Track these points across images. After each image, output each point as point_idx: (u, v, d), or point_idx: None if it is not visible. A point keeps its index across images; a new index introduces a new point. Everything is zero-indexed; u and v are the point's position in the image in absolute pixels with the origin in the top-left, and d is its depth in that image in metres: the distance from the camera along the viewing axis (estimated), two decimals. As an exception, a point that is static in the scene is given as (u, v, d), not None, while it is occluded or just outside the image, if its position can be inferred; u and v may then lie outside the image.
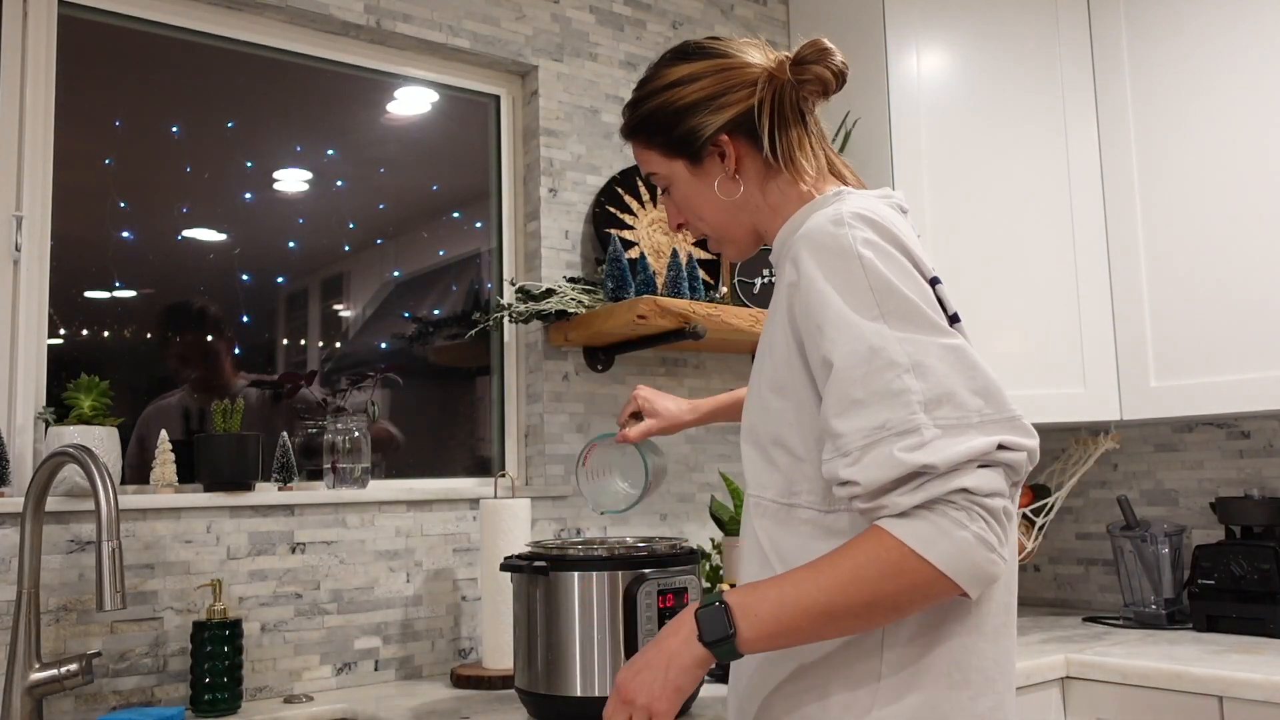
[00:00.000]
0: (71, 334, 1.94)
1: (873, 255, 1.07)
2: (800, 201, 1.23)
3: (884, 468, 1.00)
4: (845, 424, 1.03)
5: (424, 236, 2.47)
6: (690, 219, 1.31)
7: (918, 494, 0.99)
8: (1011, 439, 1.01)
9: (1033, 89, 2.58)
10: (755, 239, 1.30)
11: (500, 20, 2.41)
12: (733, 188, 1.25)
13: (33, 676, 1.59)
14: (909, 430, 1.00)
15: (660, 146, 1.27)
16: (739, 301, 2.48)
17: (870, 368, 1.02)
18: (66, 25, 1.97)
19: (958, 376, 1.02)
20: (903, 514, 1.00)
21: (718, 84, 1.22)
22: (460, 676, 1.99)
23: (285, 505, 1.97)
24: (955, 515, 0.98)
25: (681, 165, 1.27)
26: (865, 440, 1.01)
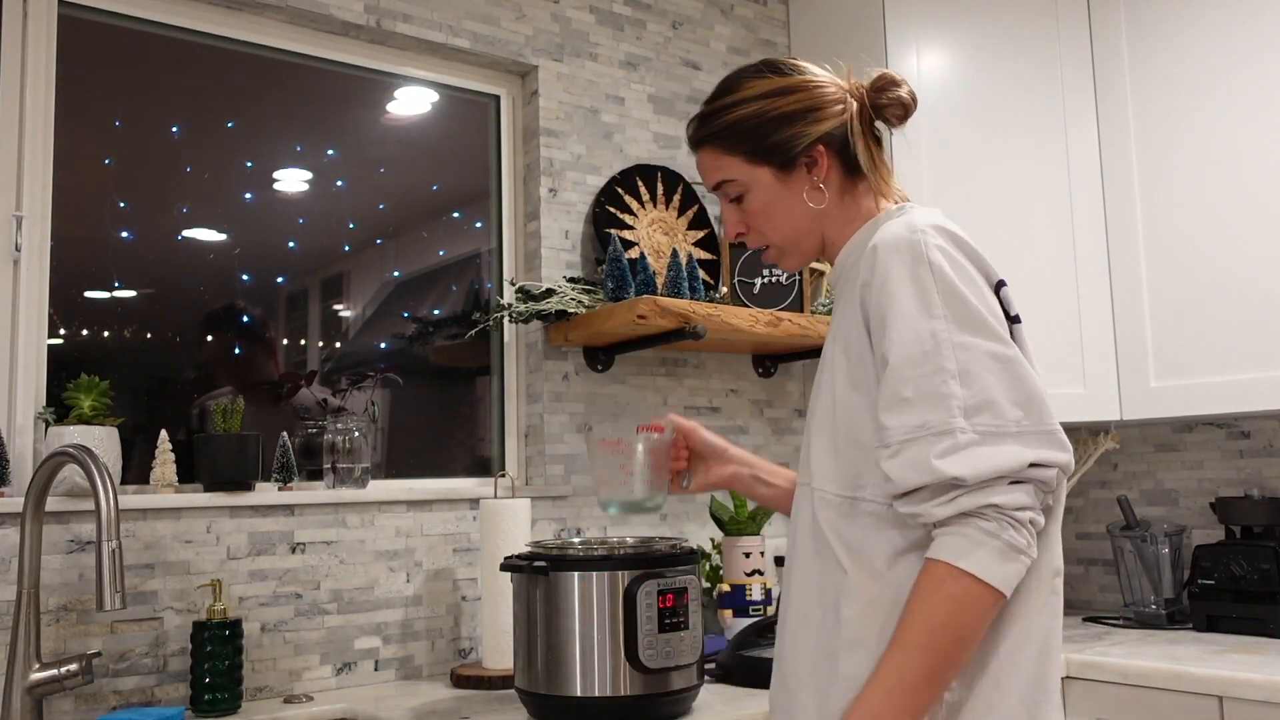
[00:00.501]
0: (71, 334, 1.94)
1: (943, 261, 1.16)
2: (868, 215, 1.33)
3: (917, 470, 1.09)
4: (891, 419, 1.12)
5: (424, 236, 2.47)
6: (762, 227, 1.33)
7: (949, 507, 1.08)
8: (1046, 455, 1.09)
9: (1033, 89, 2.58)
10: (819, 249, 1.35)
11: (500, 20, 2.41)
12: (819, 197, 1.30)
13: (33, 676, 1.59)
14: (945, 432, 1.08)
15: (745, 154, 1.30)
16: (739, 301, 2.48)
17: (921, 370, 1.11)
18: (66, 25, 1.97)
19: (1002, 386, 1.10)
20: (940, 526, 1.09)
21: (813, 99, 1.30)
22: (460, 676, 1.99)
23: (285, 505, 1.98)
24: (985, 526, 1.07)
25: (768, 172, 1.30)
26: (905, 436, 1.10)
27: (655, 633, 1.69)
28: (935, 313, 1.12)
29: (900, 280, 1.15)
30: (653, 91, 2.63)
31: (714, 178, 1.34)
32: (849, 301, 1.23)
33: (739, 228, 1.35)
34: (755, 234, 1.35)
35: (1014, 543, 1.07)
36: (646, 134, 2.61)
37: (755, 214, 1.33)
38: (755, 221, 1.33)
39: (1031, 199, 2.55)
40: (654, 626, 1.69)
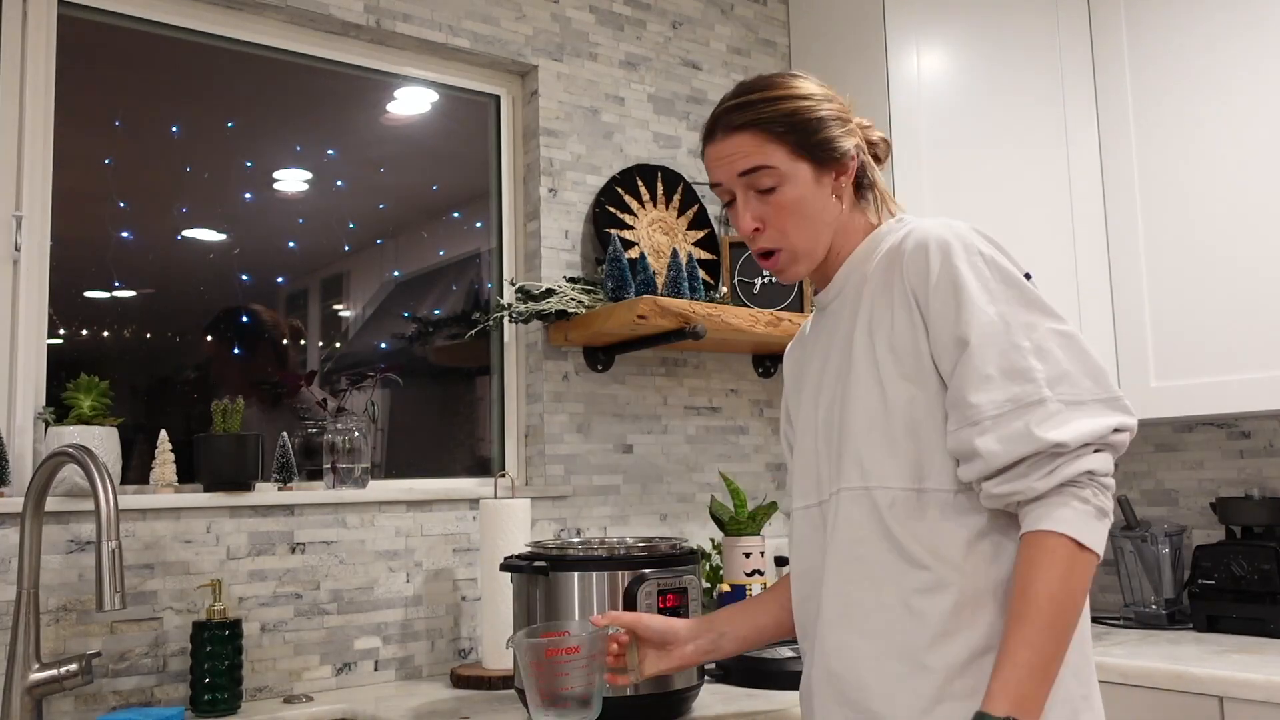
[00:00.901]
0: (71, 334, 1.94)
1: (992, 251, 1.23)
2: (868, 228, 1.37)
3: (1018, 442, 1.12)
4: (979, 396, 1.15)
5: (424, 236, 2.46)
6: (785, 224, 1.31)
7: (1051, 478, 1.11)
8: (1123, 419, 1.15)
9: (1033, 89, 2.57)
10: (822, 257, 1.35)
11: (500, 20, 2.41)
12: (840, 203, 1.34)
13: (32, 677, 1.59)
14: (1037, 402, 1.13)
15: (792, 145, 1.29)
16: (739, 301, 2.47)
17: (1000, 347, 1.16)
18: (66, 25, 1.97)
19: (1070, 359, 1.16)
20: (1038, 500, 1.12)
21: (846, 111, 1.36)
22: (460, 676, 1.99)
23: (285, 505, 1.97)
24: (1082, 494, 1.12)
25: (807, 168, 1.30)
26: (997, 411, 1.14)
27: (655, 633, 1.68)
28: (998, 297, 1.18)
29: (961, 271, 1.20)
30: (653, 91, 2.63)
31: (748, 163, 1.30)
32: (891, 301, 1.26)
33: (757, 222, 1.32)
34: (773, 231, 1.32)
35: (1105, 507, 1.12)
36: (646, 134, 2.61)
37: (784, 208, 1.30)
38: (779, 217, 1.31)
39: (1031, 199, 2.55)
40: (654, 626, 1.68)
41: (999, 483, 1.14)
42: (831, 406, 1.30)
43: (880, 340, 1.25)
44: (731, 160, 1.32)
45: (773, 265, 1.35)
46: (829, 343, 1.35)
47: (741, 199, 1.33)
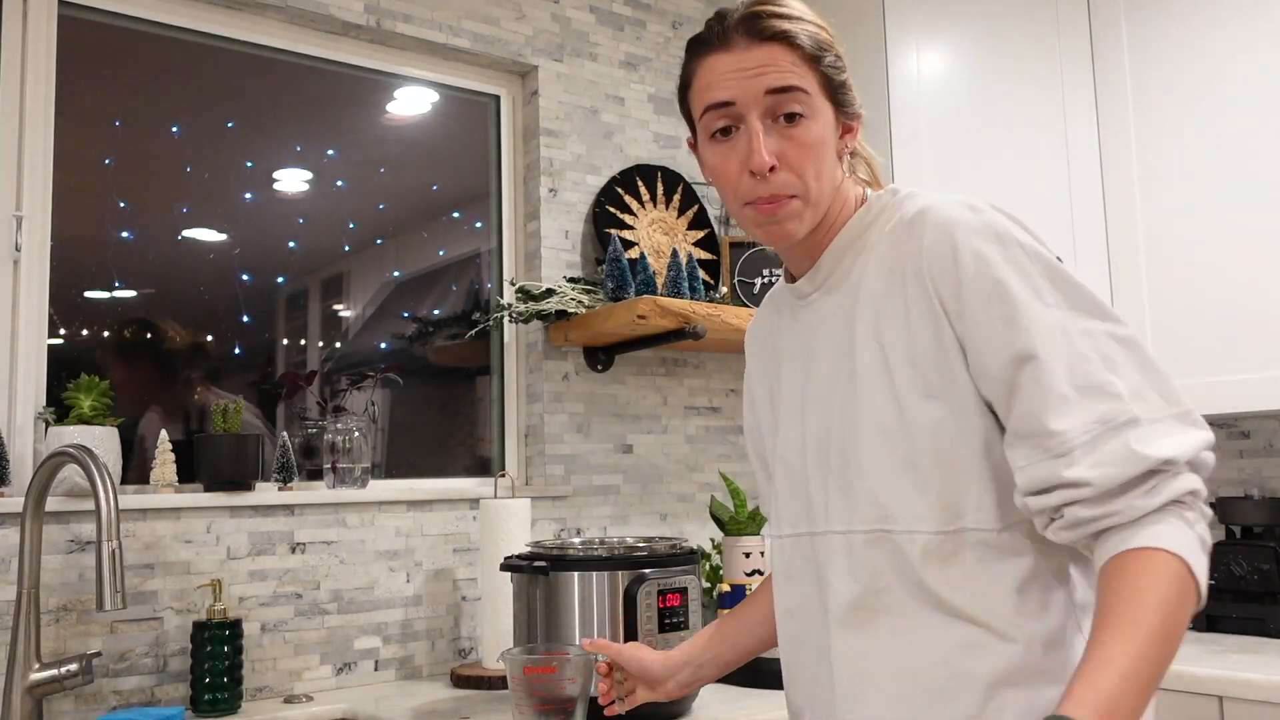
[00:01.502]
0: (71, 334, 1.94)
1: (1029, 239, 1.03)
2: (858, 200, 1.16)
3: (1121, 464, 0.92)
4: (1061, 423, 0.95)
5: (424, 236, 2.47)
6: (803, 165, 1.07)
7: (1155, 496, 0.92)
8: (1207, 436, 0.97)
9: (1033, 89, 2.57)
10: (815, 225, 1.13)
11: (500, 20, 2.41)
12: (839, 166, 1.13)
13: (33, 676, 1.59)
14: (1129, 422, 0.94)
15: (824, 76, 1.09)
16: (739, 301, 2.47)
17: (1067, 361, 0.96)
18: (66, 25, 1.97)
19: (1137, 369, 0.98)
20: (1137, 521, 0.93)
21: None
22: (460, 676, 1.99)
23: (285, 505, 1.97)
24: (1189, 516, 0.93)
25: (830, 110, 1.09)
26: (1087, 436, 0.94)
27: (655, 633, 1.69)
28: (1049, 300, 0.99)
29: (1003, 271, 0.99)
30: (653, 91, 2.63)
31: (784, 80, 1.06)
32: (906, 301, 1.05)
33: (772, 161, 1.05)
34: (788, 173, 1.07)
35: (1206, 540, 0.94)
36: (646, 134, 2.61)
37: (807, 146, 1.07)
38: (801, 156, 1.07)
39: (1031, 198, 2.55)
40: (654, 626, 1.69)
41: (1089, 506, 0.93)
42: (827, 427, 1.10)
43: (895, 350, 1.05)
44: (761, 72, 1.06)
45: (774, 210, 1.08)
46: (813, 344, 1.15)
47: (758, 126, 1.06)
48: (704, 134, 1.12)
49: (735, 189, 1.09)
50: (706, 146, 1.12)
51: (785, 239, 1.11)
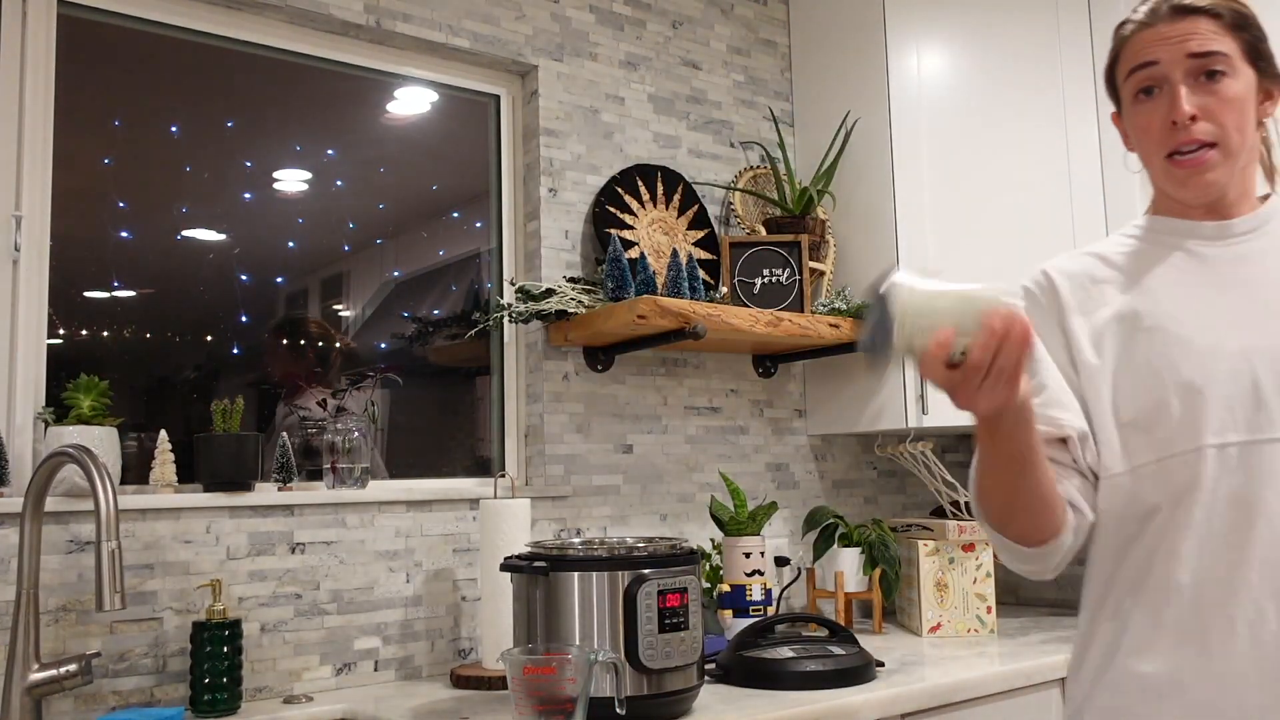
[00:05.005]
0: (71, 334, 1.94)
1: None
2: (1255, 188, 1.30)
3: None
4: None
5: (424, 236, 2.47)
6: (1225, 118, 1.22)
7: None
8: None
9: (1033, 88, 2.57)
10: (1233, 181, 1.26)
11: (500, 20, 2.41)
12: (1258, 131, 1.28)
13: (32, 677, 1.59)
14: None
15: (1245, 46, 1.24)
16: (739, 301, 2.47)
17: None
18: (66, 25, 1.97)
19: None
20: None
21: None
22: (460, 677, 1.99)
23: (285, 505, 1.97)
24: None
25: (1251, 73, 1.25)
26: None
27: (655, 633, 1.68)
28: None
29: None
30: (653, 91, 2.63)
31: (1207, 45, 1.21)
32: None
33: (1194, 111, 1.21)
34: (1210, 124, 1.22)
35: None
36: (646, 134, 2.60)
37: (1228, 101, 1.22)
38: (1222, 109, 1.22)
39: (1032, 198, 2.55)
40: (654, 627, 1.68)
41: None
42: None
43: None
44: (1186, 39, 1.22)
45: (1196, 164, 1.23)
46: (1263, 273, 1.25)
47: (1182, 82, 1.22)
48: (1128, 98, 1.27)
49: (1158, 141, 1.24)
50: (1130, 108, 1.27)
51: (1206, 190, 1.24)
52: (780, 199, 2.63)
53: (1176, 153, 1.23)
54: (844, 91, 2.72)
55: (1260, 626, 1.14)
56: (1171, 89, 1.22)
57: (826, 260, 2.65)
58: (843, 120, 2.67)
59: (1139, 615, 1.22)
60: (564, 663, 1.40)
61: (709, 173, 2.71)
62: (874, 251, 2.60)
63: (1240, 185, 1.27)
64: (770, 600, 2.28)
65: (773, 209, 2.68)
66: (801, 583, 2.63)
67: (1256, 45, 1.25)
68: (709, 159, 2.72)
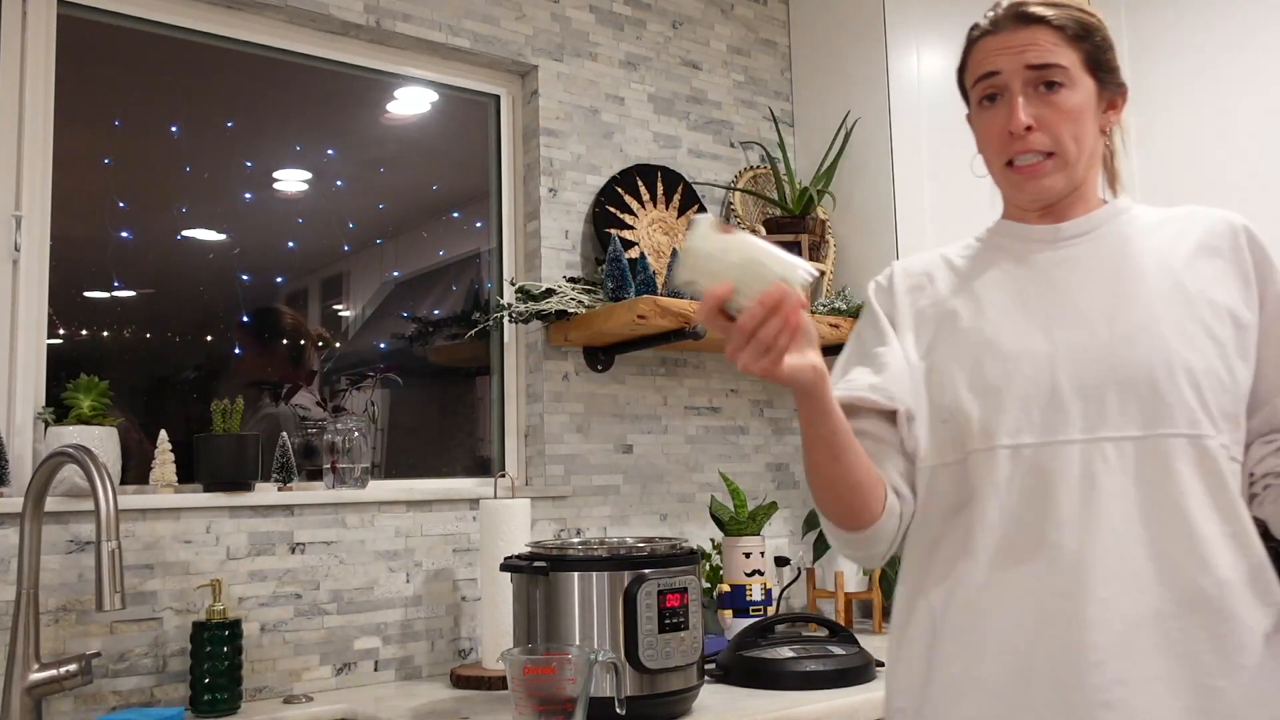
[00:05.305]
0: (71, 334, 1.94)
1: None
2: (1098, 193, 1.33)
3: None
4: None
5: (424, 236, 2.47)
6: (1060, 129, 1.24)
7: None
8: None
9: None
10: (1073, 188, 1.29)
11: (500, 20, 2.41)
12: (1101, 139, 1.31)
13: (32, 677, 1.59)
14: None
15: (1085, 55, 1.25)
16: (739, 301, 2.47)
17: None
18: (66, 25, 1.97)
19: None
20: None
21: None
22: (460, 677, 1.99)
23: (285, 505, 1.97)
24: None
25: (1091, 84, 1.26)
26: None
27: (655, 633, 1.69)
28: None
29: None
30: (653, 91, 2.63)
31: (1044, 57, 1.23)
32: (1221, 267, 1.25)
33: (1030, 121, 1.23)
34: (1046, 134, 1.24)
35: None
36: (646, 134, 2.60)
37: (1065, 112, 1.24)
38: (1057, 121, 1.24)
39: (1032, 199, 2.54)
40: (654, 627, 1.68)
41: None
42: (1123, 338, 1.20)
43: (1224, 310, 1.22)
44: (1023, 50, 1.24)
45: (1032, 171, 1.25)
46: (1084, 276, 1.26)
47: (1020, 92, 1.24)
48: (974, 103, 1.30)
49: (997, 148, 1.27)
50: (976, 113, 1.30)
51: (1041, 195, 1.27)
52: (780, 199, 2.63)
53: (1013, 160, 1.26)
54: (844, 91, 2.72)
55: (1048, 625, 1.14)
56: (1010, 99, 1.24)
57: (826, 260, 2.65)
58: (843, 120, 2.67)
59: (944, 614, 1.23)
60: (564, 663, 1.40)
61: (709, 173, 2.71)
62: (874, 251, 2.59)
63: (1078, 191, 1.30)
64: (770, 600, 2.28)
65: (773, 209, 2.68)
66: (801, 583, 2.63)
67: (1098, 56, 1.26)
68: (709, 159, 2.72)
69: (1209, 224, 1.28)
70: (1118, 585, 1.13)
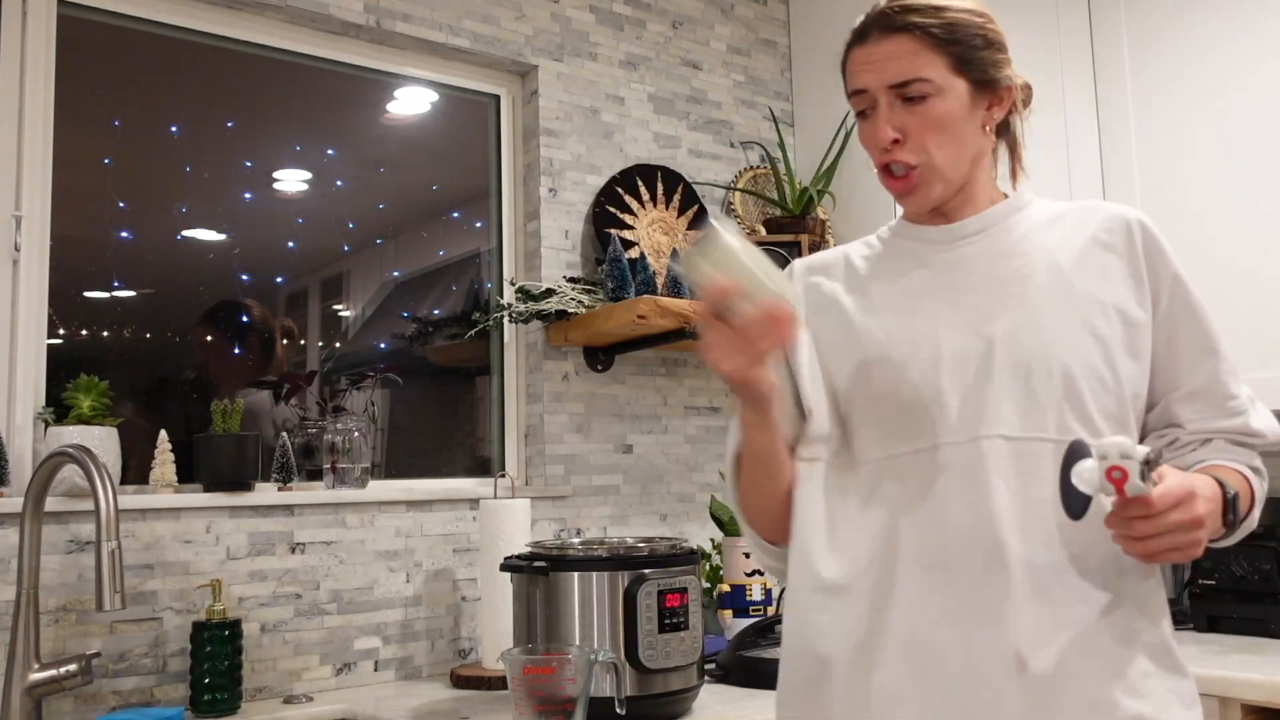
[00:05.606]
0: (71, 334, 1.94)
1: None
2: (993, 188, 1.31)
3: (1274, 422, 1.26)
4: (1239, 389, 1.25)
5: (424, 236, 2.47)
6: (928, 140, 1.21)
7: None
8: None
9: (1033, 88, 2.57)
10: (958, 190, 1.27)
11: (500, 20, 2.41)
12: (987, 136, 1.27)
13: (32, 677, 1.59)
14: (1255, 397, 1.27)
15: (953, 57, 1.21)
16: (739, 301, 2.47)
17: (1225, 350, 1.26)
18: (66, 25, 1.97)
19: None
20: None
21: (1004, 41, 1.28)
22: (460, 677, 1.99)
23: (285, 505, 1.97)
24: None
25: (964, 87, 1.22)
26: (1250, 402, 1.26)
27: (655, 633, 1.69)
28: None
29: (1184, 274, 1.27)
30: (653, 91, 2.63)
31: (902, 75, 1.20)
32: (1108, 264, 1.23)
33: (896, 135, 1.21)
34: (914, 146, 1.21)
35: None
36: (646, 134, 2.60)
37: (930, 122, 1.21)
38: (923, 132, 1.21)
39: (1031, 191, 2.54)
40: (654, 627, 1.69)
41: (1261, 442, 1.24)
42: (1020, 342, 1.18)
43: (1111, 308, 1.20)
44: (883, 66, 1.22)
45: (904, 185, 1.24)
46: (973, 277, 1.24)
47: (885, 106, 1.22)
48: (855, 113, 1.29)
49: (874, 159, 1.26)
50: (857, 124, 1.29)
51: (918, 206, 1.27)
52: (780, 199, 2.63)
53: (887, 170, 1.25)
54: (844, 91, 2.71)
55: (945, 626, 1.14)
56: (877, 114, 1.23)
57: (826, 260, 2.65)
58: (843, 120, 2.67)
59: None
60: (564, 663, 1.40)
61: (709, 173, 2.71)
62: (874, 251, 2.59)
63: (965, 192, 1.27)
64: (770, 600, 2.28)
65: (773, 209, 2.68)
66: (801, 583, 2.63)
67: (969, 56, 1.22)
68: (709, 159, 2.72)
69: (1103, 219, 1.27)
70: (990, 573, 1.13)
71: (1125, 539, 1.05)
